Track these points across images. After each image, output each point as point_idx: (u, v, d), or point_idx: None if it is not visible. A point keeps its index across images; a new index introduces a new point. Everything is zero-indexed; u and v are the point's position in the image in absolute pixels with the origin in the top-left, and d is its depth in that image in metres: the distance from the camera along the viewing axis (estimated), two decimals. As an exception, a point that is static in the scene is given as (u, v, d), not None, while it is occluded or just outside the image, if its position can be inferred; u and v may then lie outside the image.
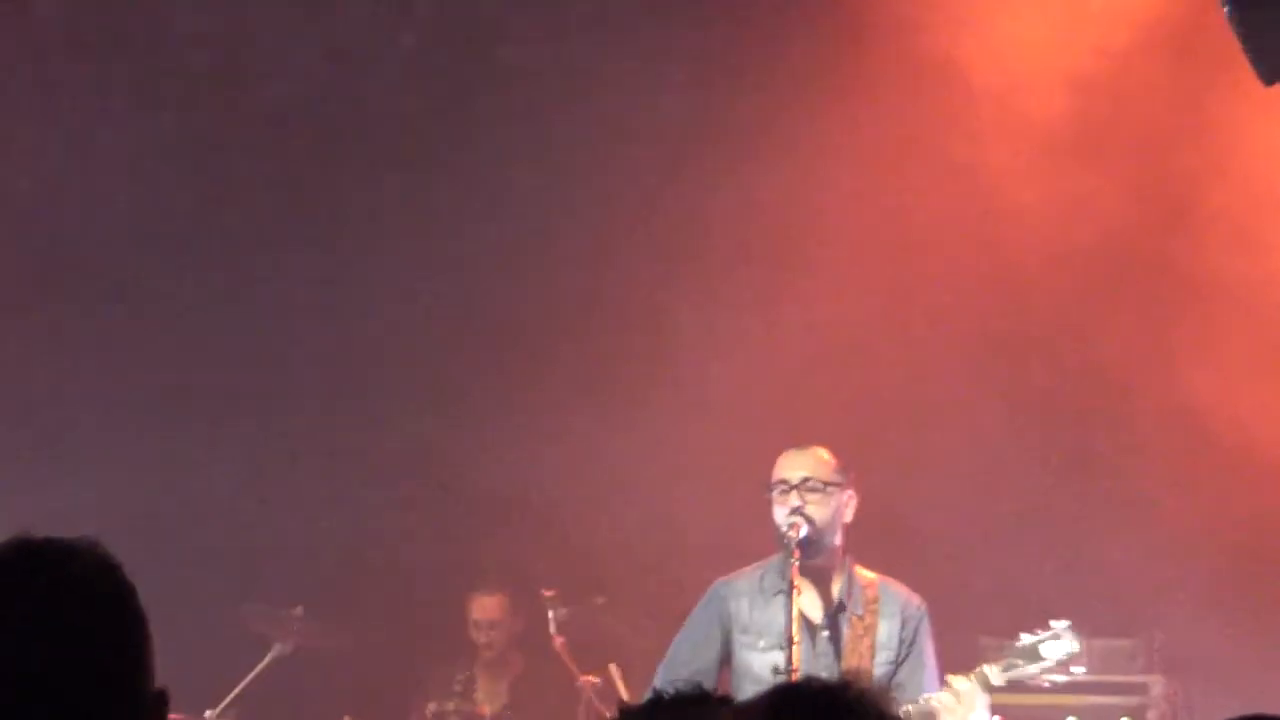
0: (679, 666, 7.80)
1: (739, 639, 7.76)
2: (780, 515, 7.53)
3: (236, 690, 9.08)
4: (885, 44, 10.18)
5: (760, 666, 7.61)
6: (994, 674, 7.44)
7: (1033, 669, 7.53)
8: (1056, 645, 7.57)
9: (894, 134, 10.17)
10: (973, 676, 7.47)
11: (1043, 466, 10.15)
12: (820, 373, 10.14)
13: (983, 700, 7.27)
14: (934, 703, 7.32)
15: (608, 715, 9.15)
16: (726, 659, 7.84)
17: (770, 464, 7.99)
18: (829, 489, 7.60)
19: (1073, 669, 7.67)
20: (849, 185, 10.20)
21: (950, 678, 7.50)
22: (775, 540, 7.59)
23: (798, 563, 7.39)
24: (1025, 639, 7.58)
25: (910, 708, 7.47)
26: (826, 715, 3.14)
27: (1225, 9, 7.27)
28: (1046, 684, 7.74)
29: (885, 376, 10.16)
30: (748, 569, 7.81)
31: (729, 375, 10.22)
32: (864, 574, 7.79)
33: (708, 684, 7.22)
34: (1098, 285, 10.14)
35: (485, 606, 10.22)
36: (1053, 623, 7.56)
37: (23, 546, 2.89)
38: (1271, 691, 8.34)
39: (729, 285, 10.47)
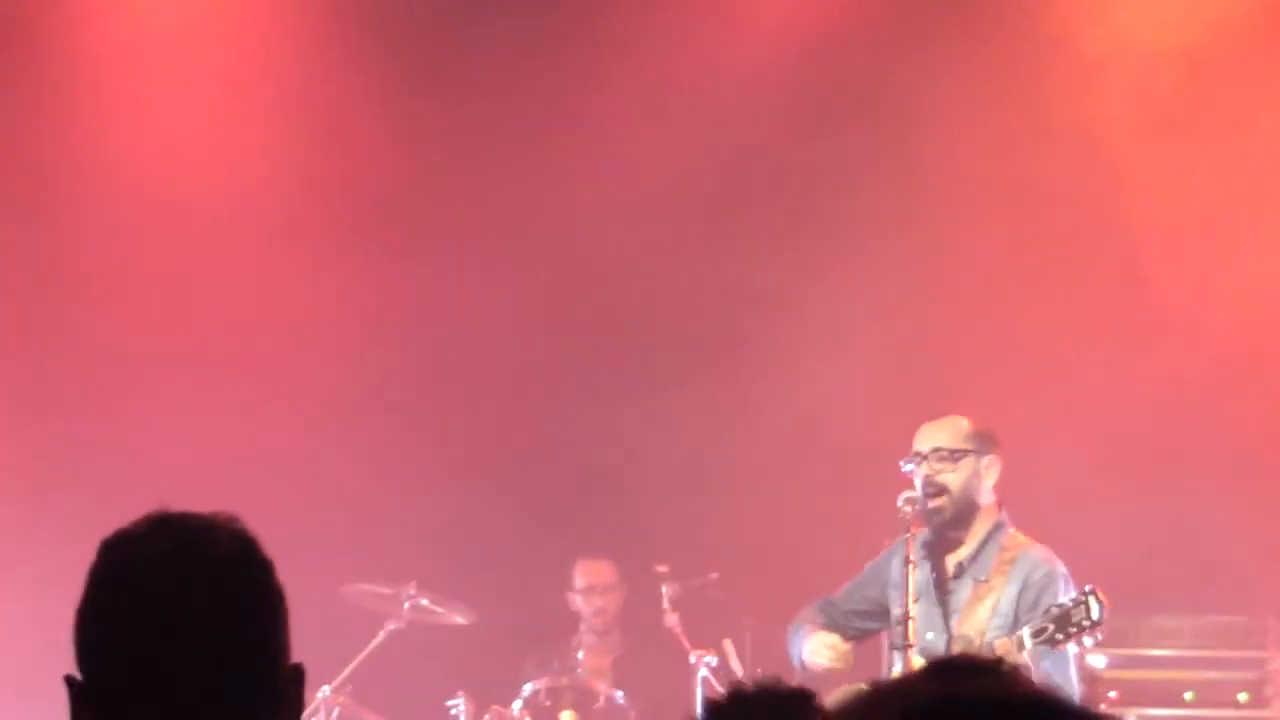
0: (840, 600, 8.21)
1: (891, 595, 7.99)
2: (917, 486, 7.81)
3: (351, 667, 9.15)
4: (1004, 8, 10.36)
5: (893, 621, 7.94)
6: (1026, 637, 7.52)
7: (1060, 635, 7.52)
8: (1082, 610, 7.54)
9: (1010, 100, 10.26)
10: (1011, 641, 7.57)
11: (1153, 433, 10.08)
12: (934, 338, 10.24)
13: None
14: None
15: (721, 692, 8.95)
16: (883, 609, 8.10)
17: (881, 438, 8.27)
18: (957, 456, 7.80)
19: (1096, 634, 7.60)
20: (964, 149, 10.30)
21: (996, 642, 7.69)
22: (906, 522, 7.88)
23: (912, 536, 7.65)
24: (1057, 605, 7.61)
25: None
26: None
27: None
28: (1084, 646, 7.70)
29: (996, 341, 10.21)
30: (916, 533, 8.03)
31: (846, 347, 10.24)
32: (1015, 538, 7.94)
33: (854, 624, 8.17)
34: (1207, 251, 10.14)
35: (595, 570, 10.20)
36: (1086, 588, 7.58)
37: (163, 522, 2.90)
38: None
39: (852, 256, 10.42)
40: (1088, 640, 7.58)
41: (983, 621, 7.85)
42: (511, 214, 10.85)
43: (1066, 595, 7.70)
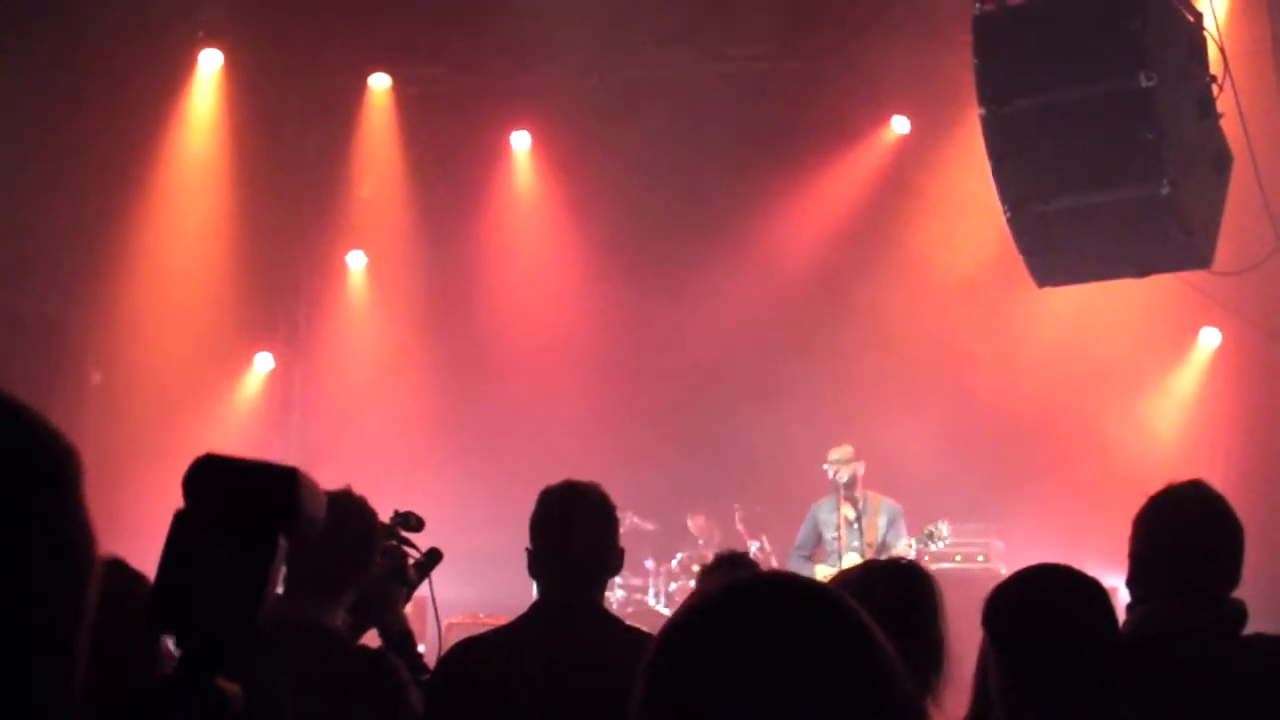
0: (800, 544, 11.65)
1: (822, 530, 11.42)
2: (830, 476, 11.69)
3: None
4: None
5: (829, 542, 11.38)
6: (913, 543, 10.72)
7: (930, 542, 10.79)
8: (939, 531, 10.88)
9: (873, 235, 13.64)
10: (903, 545, 10.57)
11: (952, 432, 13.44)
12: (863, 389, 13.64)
13: None
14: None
15: (774, 564, 12.10)
16: (818, 539, 11.57)
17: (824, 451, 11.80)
18: (846, 463, 11.68)
19: (940, 543, 10.76)
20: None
21: (899, 543, 10.72)
22: (833, 487, 11.58)
23: (839, 495, 11.47)
24: (926, 529, 10.82)
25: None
26: (893, 576, 4.08)
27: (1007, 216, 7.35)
28: (936, 550, 10.77)
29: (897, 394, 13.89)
30: (825, 499, 11.67)
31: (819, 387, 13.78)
32: (874, 495, 11.52)
33: (808, 552, 11.55)
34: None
35: (697, 524, 13.91)
36: (940, 522, 10.85)
37: (569, 484, 4.41)
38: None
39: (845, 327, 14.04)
40: (936, 545, 10.87)
41: (876, 537, 11.08)
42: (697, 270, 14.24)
43: (901, 524, 11.02)
